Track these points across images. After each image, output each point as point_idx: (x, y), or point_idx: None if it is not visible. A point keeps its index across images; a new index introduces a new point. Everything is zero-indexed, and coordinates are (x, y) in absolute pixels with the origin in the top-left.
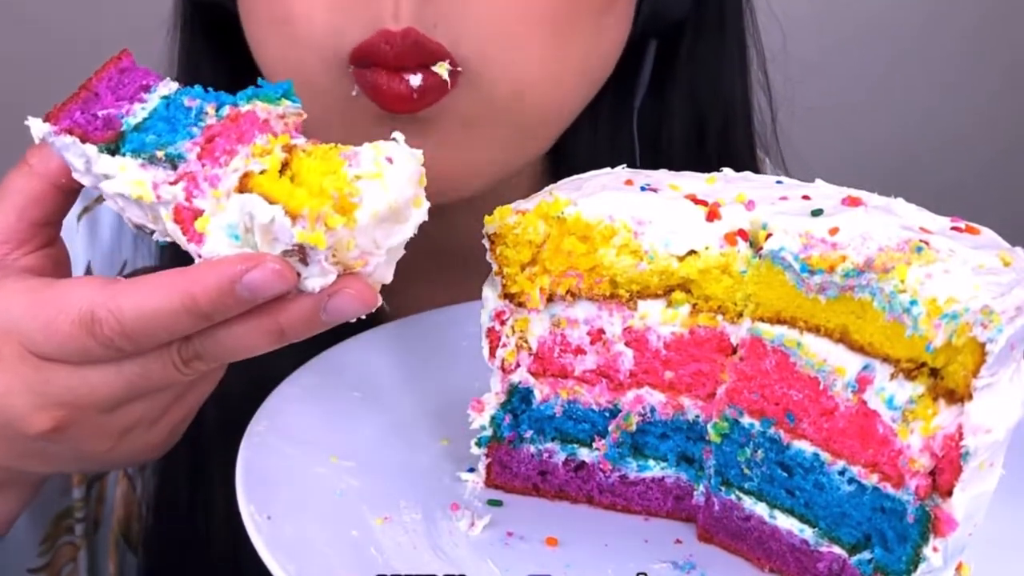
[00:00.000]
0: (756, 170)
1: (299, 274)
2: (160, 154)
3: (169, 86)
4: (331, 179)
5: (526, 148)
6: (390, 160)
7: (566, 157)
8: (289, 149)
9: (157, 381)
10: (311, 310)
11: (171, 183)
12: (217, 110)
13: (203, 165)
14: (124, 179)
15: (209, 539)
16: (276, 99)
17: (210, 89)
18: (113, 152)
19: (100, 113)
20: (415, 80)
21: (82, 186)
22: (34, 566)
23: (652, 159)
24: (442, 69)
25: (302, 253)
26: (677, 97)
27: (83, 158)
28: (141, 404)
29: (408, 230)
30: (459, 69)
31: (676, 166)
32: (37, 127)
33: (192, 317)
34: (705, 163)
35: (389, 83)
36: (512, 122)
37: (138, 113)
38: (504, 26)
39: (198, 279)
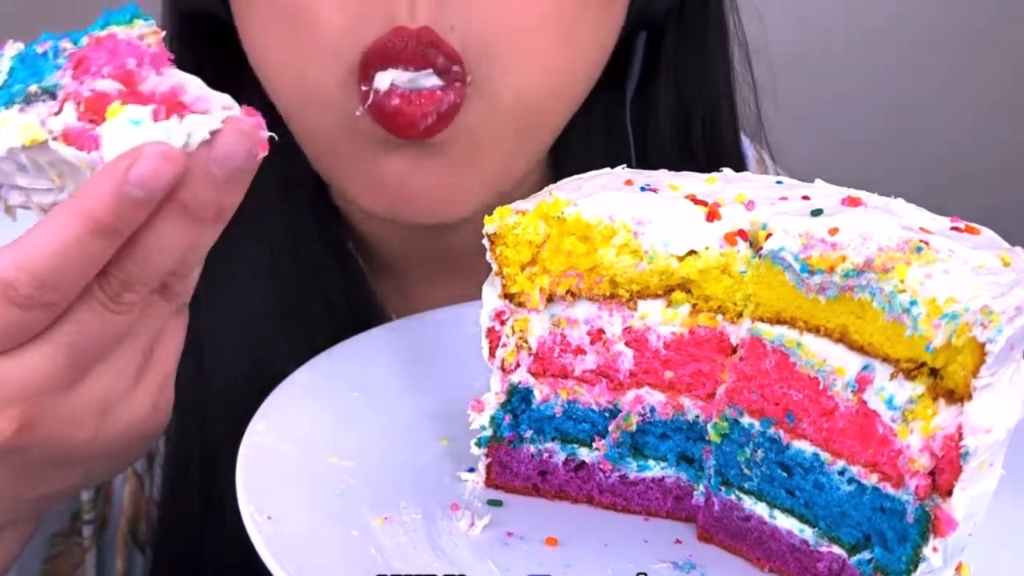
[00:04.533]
0: (741, 156)
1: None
2: (34, 89)
3: (16, 46)
4: None
5: (528, 154)
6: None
7: (563, 154)
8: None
9: (97, 333)
10: (201, 170)
11: (56, 113)
12: (75, 43)
13: (81, 82)
14: (11, 130)
15: (218, 540)
16: (128, 22)
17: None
18: None
19: None
20: (431, 100)
21: None
22: (40, 572)
23: (641, 151)
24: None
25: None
26: (662, 89)
27: None
28: (100, 375)
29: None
30: (469, 79)
31: (665, 157)
32: None
33: (101, 238)
34: (692, 152)
35: (398, 110)
36: (516, 130)
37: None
38: (515, 31)
39: (90, 196)
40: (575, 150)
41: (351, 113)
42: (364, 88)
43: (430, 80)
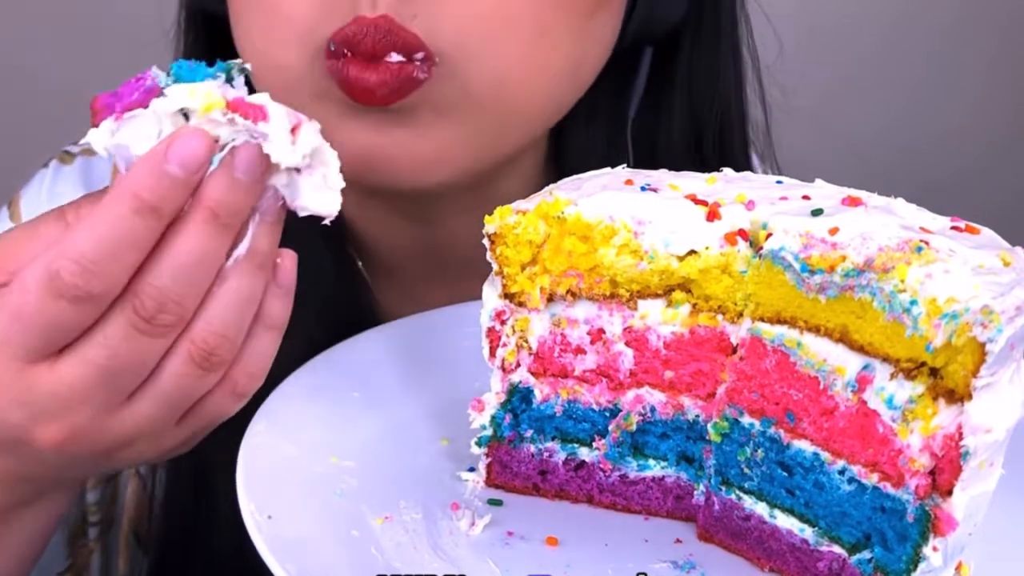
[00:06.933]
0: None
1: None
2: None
3: (158, 71)
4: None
5: (502, 141)
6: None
7: (563, 158)
8: None
9: (130, 357)
10: (223, 174)
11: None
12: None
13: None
14: (201, 94)
15: (213, 538)
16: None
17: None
18: None
19: (135, 95)
20: (388, 70)
21: None
22: (61, 569)
23: (649, 164)
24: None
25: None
26: (675, 103)
27: (154, 116)
28: (141, 407)
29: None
30: (436, 61)
31: (673, 170)
32: (98, 133)
33: (144, 218)
34: (701, 167)
35: (359, 75)
36: (489, 114)
37: (162, 79)
38: (484, 22)
39: (133, 177)
40: (574, 157)
41: (320, 86)
42: (329, 64)
43: (392, 58)
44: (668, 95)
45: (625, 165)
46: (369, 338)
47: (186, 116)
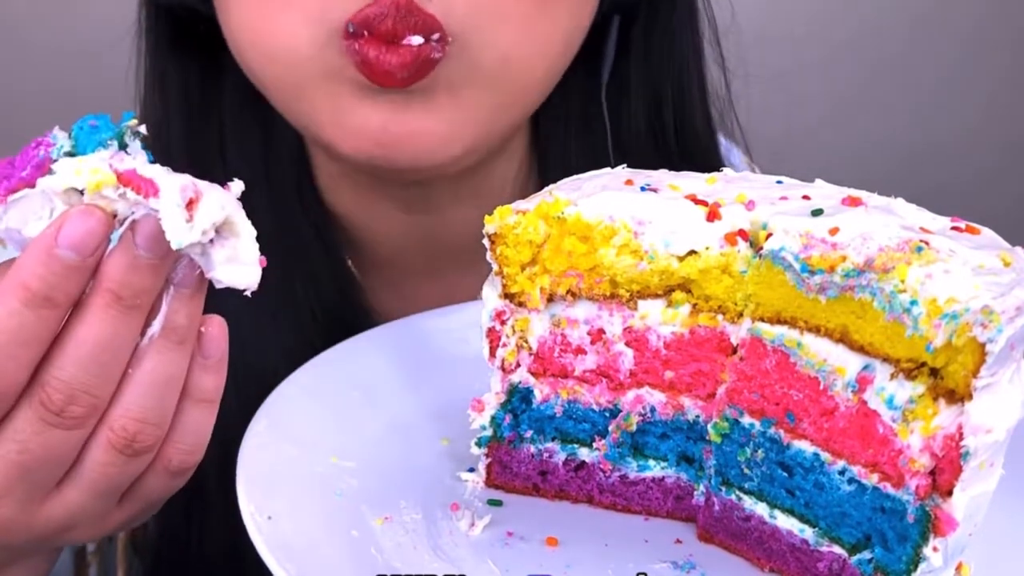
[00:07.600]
0: (712, 136)
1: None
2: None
3: (60, 132)
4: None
5: (508, 114)
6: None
7: (541, 133)
8: None
9: (44, 451)
10: (123, 252)
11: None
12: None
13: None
14: (88, 171)
15: (206, 540)
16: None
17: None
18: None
19: (26, 170)
20: (409, 52)
21: None
22: None
23: (615, 136)
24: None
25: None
26: (633, 70)
27: (43, 195)
28: (71, 495)
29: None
30: (449, 40)
31: (638, 139)
32: None
33: (36, 309)
34: (663, 133)
35: (379, 57)
36: (497, 89)
37: (60, 143)
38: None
39: (22, 266)
40: (555, 140)
41: (332, 66)
42: (347, 44)
43: (412, 40)
44: (626, 65)
45: (625, 165)
46: (369, 338)
47: (80, 190)
